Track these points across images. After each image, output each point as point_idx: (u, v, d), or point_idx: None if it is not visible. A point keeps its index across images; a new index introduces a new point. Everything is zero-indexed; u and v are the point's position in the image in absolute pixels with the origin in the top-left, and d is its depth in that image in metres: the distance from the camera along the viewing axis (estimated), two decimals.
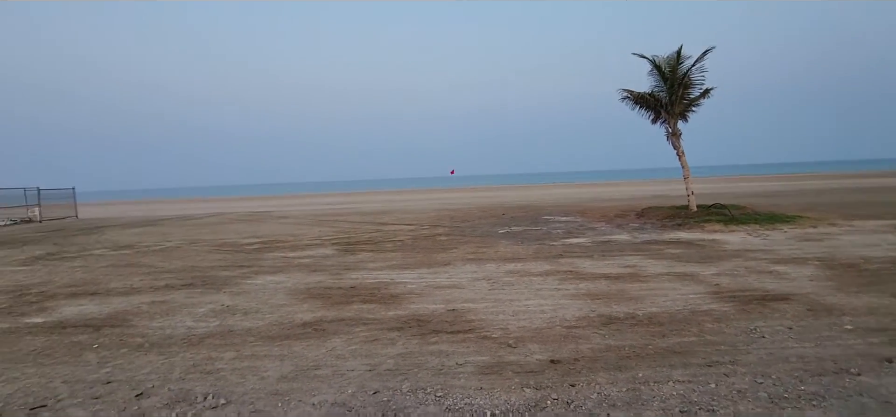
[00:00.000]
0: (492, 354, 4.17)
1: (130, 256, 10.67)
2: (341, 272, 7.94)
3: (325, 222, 17.31)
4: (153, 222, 20.54)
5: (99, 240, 14.22)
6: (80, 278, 8.29)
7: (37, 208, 25.24)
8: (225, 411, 3.31)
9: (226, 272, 8.31)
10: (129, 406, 3.41)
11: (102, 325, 5.40)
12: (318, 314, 5.54)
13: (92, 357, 4.42)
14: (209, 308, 5.99)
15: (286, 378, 3.83)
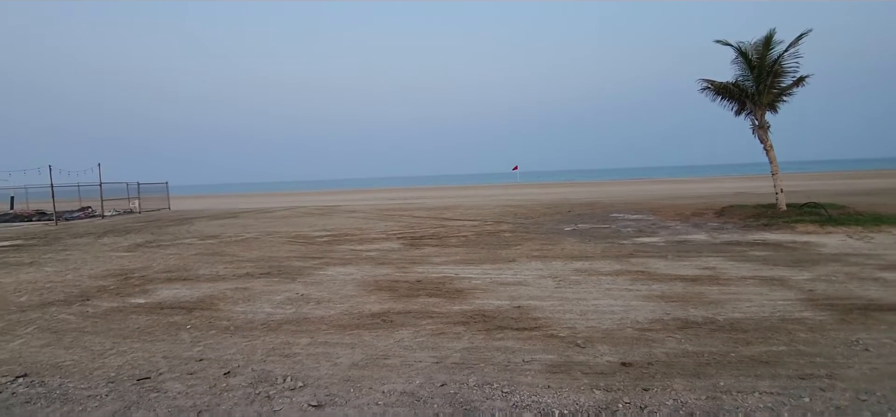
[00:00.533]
0: (559, 353, 4.09)
1: (215, 245, 11.55)
2: (407, 265, 8.12)
3: (390, 217, 17.77)
4: (234, 214, 22.11)
5: (188, 231, 15.53)
6: (173, 264, 9.10)
7: (137, 200, 28.04)
8: (302, 393, 3.51)
9: (299, 262, 8.77)
10: (218, 383, 3.71)
11: (194, 308, 5.90)
12: (385, 306, 5.71)
13: (186, 336, 4.85)
14: (285, 296, 6.35)
15: (357, 365, 3.99)
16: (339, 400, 3.39)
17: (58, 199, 22.54)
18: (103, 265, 9.30)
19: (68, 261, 9.92)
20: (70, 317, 5.66)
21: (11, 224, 22.00)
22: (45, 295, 6.84)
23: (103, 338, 4.85)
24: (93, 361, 4.23)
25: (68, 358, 4.32)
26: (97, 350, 4.50)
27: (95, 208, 25.90)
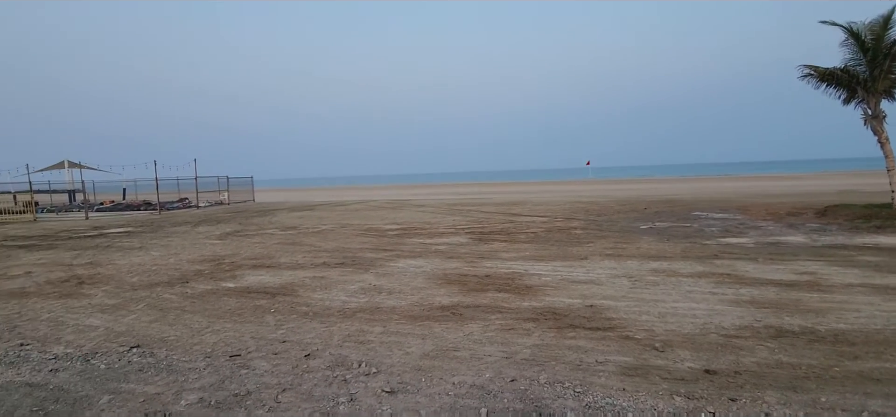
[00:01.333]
0: (635, 356, 3.92)
1: (294, 236, 12.27)
2: (475, 260, 8.15)
3: (458, 212, 17.91)
4: (310, 207, 23.35)
5: (271, 221, 16.62)
6: (258, 252, 9.78)
7: (226, 193, 30.45)
8: (376, 379, 3.64)
9: (372, 254, 9.09)
10: (300, 364, 3.94)
11: (277, 293, 6.32)
12: (455, 299, 5.77)
13: (270, 319, 5.20)
14: (359, 285, 6.61)
15: (428, 356, 4.07)
16: (411, 388, 3.48)
17: (161, 191, 25.04)
18: (199, 251, 10.21)
19: (170, 247, 10.99)
20: (172, 297, 6.27)
21: (124, 212, 24.76)
22: (151, 277, 7.63)
23: (200, 317, 5.33)
24: (192, 337, 4.67)
25: (172, 334, 4.80)
26: (195, 328, 4.96)
27: (191, 199, 28.50)
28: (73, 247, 11.45)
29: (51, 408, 3.30)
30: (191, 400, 3.36)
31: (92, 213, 23.70)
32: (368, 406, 3.24)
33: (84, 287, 7.07)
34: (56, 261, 9.43)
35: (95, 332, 4.92)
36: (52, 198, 31.80)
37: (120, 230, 15.47)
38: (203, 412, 3.20)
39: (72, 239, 13.13)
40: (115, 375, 3.83)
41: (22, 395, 3.51)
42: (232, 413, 3.18)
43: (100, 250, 10.85)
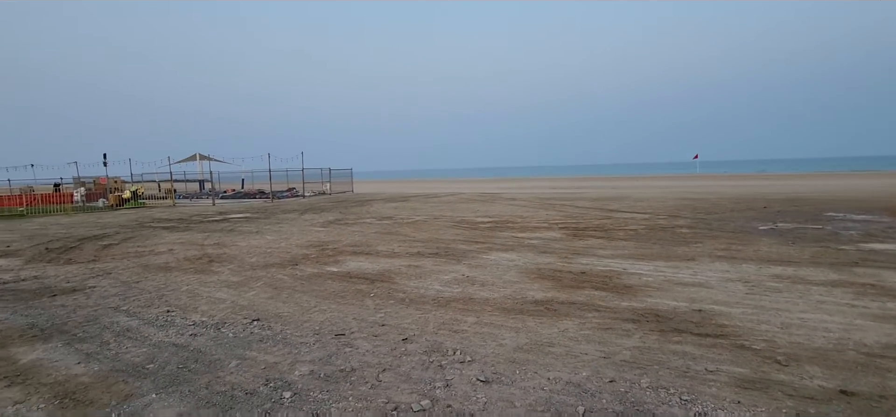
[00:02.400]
0: (753, 368, 3.56)
1: (390, 226, 12.82)
2: (570, 256, 7.91)
3: (552, 206, 17.49)
4: (404, 198, 24.21)
5: (368, 211, 17.52)
6: (357, 240, 10.37)
7: (328, 184, 32.66)
8: (471, 368, 3.70)
9: (464, 246, 9.21)
10: (398, 347, 4.13)
11: (375, 279, 6.66)
12: (549, 294, 5.66)
13: (370, 303, 5.50)
14: (452, 276, 6.74)
15: (522, 349, 4.04)
16: (506, 380, 3.49)
17: (272, 181, 27.54)
18: (305, 237, 11.07)
19: (281, 232, 12.05)
20: (285, 278, 6.88)
21: (242, 200, 27.61)
22: (267, 258, 8.44)
23: (309, 297, 5.79)
24: (302, 315, 5.09)
25: (285, 310, 5.27)
26: (305, 307, 5.40)
27: (298, 189, 30.98)
28: (203, 230, 13.02)
29: (192, 366, 3.80)
30: (303, 372, 3.67)
31: (217, 200, 26.73)
32: (464, 392, 3.31)
33: (213, 264, 8.01)
34: (191, 241, 10.79)
35: (223, 304, 5.56)
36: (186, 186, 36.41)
37: (240, 215, 17.27)
38: (314, 383, 3.48)
39: (202, 223, 14.93)
40: (241, 343, 4.30)
41: (170, 353, 4.08)
42: (338, 386, 3.43)
43: (224, 233, 12.22)
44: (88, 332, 4.67)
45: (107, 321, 5.02)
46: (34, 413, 3.11)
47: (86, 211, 21.17)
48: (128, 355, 4.07)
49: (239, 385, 3.47)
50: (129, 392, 3.38)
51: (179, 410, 3.13)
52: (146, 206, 23.86)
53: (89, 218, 17.58)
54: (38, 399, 3.30)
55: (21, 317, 5.21)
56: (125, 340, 4.43)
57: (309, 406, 3.15)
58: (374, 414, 3.05)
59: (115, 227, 14.22)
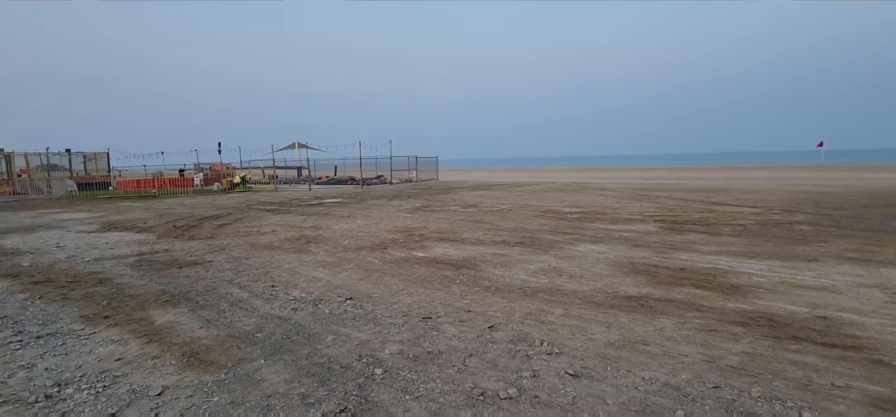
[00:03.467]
0: (894, 387, 3.08)
1: (475, 214, 12.86)
2: (667, 251, 7.40)
3: (645, 197, 16.48)
4: (488, 187, 24.16)
5: (453, 199, 17.72)
6: (443, 227, 10.53)
7: (415, 172, 33.55)
8: (558, 360, 3.60)
9: (550, 236, 8.98)
10: (484, 334, 4.13)
11: (461, 266, 6.72)
12: (643, 290, 5.34)
13: (456, 289, 5.56)
14: (538, 266, 6.61)
15: (613, 345, 3.85)
16: (596, 375, 3.35)
17: (361, 168, 28.85)
18: (393, 222, 11.47)
19: (371, 217, 12.60)
20: (374, 261, 7.18)
21: (335, 186, 29.29)
22: (358, 242, 8.86)
23: (397, 280, 5.99)
24: (391, 297, 5.28)
25: (375, 292, 5.51)
26: (394, 289, 5.59)
27: (386, 176, 32.18)
28: (301, 213, 14.00)
29: (294, 338, 4.11)
30: (393, 351, 3.81)
31: (313, 186, 28.61)
32: (552, 385, 3.23)
33: (310, 245, 8.58)
34: (290, 224, 11.65)
35: (320, 283, 5.94)
36: (286, 172, 39.38)
37: (333, 200, 18.34)
38: (403, 362, 3.60)
39: (300, 206, 16.06)
40: (335, 320, 4.56)
41: (275, 324, 4.45)
42: (426, 368, 3.51)
43: (319, 216, 13.04)
44: (208, 301, 5.23)
45: (222, 292, 5.58)
46: (168, 368, 3.55)
47: (203, 194, 23.73)
48: (240, 323, 4.50)
49: (335, 358, 3.69)
50: (242, 357, 3.73)
51: (285, 376, 3.40)
52: (252, 190, 26.19)
53: (206, 200, 19.68)
54: (170, 357, 3.76)
55: (155, 284, 5.97)
56: (238, 310, 4.90)
57: (399, 384, 3.26)
58: (460, 397, 3.08)
59: (228, 209, 15.77)
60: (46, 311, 4.96)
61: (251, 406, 3.00)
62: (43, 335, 4.27)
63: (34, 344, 4.05)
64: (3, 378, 3.41)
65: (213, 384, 3.30)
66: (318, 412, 2.93)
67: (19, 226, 11.99)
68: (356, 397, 3.10)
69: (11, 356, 3.81)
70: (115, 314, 4.83)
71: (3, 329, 4.44)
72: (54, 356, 3.81)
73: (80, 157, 28.66)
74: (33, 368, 3.58)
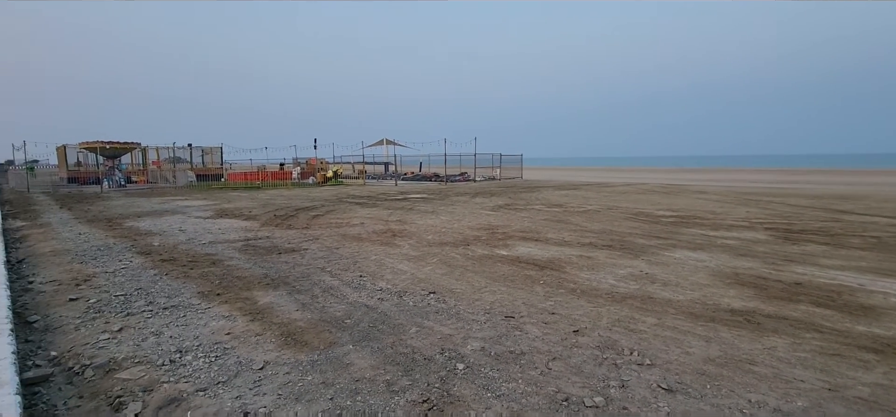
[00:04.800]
0: None
1: (560, 214, 12.50)
2: (779, 262, 6.65)
3: (752, 201, 14.98)
4: (575, 186, 23.38)
5: (537, 198, 17.38)
6: (526, 226, 10.36)
7: (498, 169, 33.40)
8: (650, 372, 3.37)
9: (642, 240, 8.48)
10: (569, 338, 3.99)
11: (545, 266, 6.56)
12: (750, 304, 4.84)
13: (539, 289, 5.44)
14: (628, 271, 6.26)
15: (713, 361, 3.54)
16: (693, 392, 3.09)
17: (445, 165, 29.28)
18: (476, 219, 11.50)
19: (454, 214, 12.74)
20: (457, 257, 7.24)
21: (420, 182, 30.05)
22: (441, 237, 9.00)
23: (480, 277, 6.00)
24: (474, 294, 5.29)
25: (458, 287, 5.55)
26: (476, 286, 5.60)
27: (469, 174, 32.38)
28: (387, 207, 14.54)
29: (380, 327, 4.27)
30: (475, 347, 3.81)
31: (399, 181, 29.59)
32: (642, 397, 3.04)
33: (396, 239, 8.87)
34: (377, 217, 12.14)
35: (404, 275, 6.11)
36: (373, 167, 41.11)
37: (418, 196, 18.82)
38: (485, 359, 3.59)
39: (387, 201, 16.68)
40: (419, 312, 4.67)
41: (363, 312, 4.65)
42: (508, 367, 3.46)
43: (405, 211, 13.44)
44: (303, 286, 5.61)
45: (316, 279, 5.95)
46: (269, 345, 3.86)
47: (300, 187, 25.53)
48: (331, 309, 4.76)
49: (418, 349, 3.77)
50: (333, 341, 3.95)
51: (371, 362, 3.54)
52: (343, 184, 27.70)
53: (302, 192, 21.14)
54: (270, 335, 4.08)
55: (259, 268, 6.52)
56: (329, 296, 5.20)
57: (480, 381, 3.25)
58: (543, 400, 3.00)
59: (321, 201, 16.82)
60: (171, 286, 5.62)
61: (340, 388, 3.16)
62: (169, 306, 4.84)
63: (161, 314, 4.60)
64: (138, 342, 3.92)
65: (307, 363, 3.52)
66: (402, 399, 3.01)
67: (151, 211, 13.74)
68: (438, 389, 3.14)
69: (144, 323, 4.37)
70: (226, 292, 5.34)
71: (138, 299, 5.10)
72: (177, 326, 4.30)
73: (198, 151, 32.15)
74: (161, 335, 4.07)
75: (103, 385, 3.21)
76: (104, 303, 4.93)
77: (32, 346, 3.84)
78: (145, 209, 14.26)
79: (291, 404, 2.96)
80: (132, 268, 6.51)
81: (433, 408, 2.91)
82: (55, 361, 3.57)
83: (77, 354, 3.68)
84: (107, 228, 10.34)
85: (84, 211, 13.96)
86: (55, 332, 4.15)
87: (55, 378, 3.31)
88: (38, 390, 3.14)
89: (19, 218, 12.57)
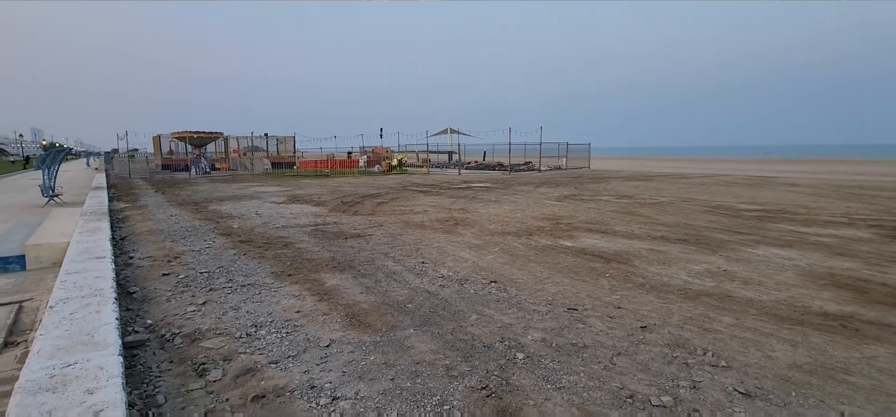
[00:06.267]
0: None
1: (629, 205, 11.95)
2: (885, 264, 5.94)
3: (854, 196, 13.49)
4: (648, 177, 22.23)
5: (605, 189, 16.74)
6: (593, 217, 10.01)
7: (564, 159, 32.51)
8: (726, 374, 3.15)
9: (720, 235, 7.91)
10: (635, 334, 3.82)
11: (611, 259, 6.31)
12: (847, 308, 4.37)
13: (605, 283, 5.24)
14: (704, 267, 5.87)
15: (800, 367, 3.23)
16: (774, 399, 2.85)
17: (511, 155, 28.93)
18: (540, 209, 11.28)
19: (517, 203, 12.58)
20: (519, 246, 7.15)
21: (483, 171, 29.94)
22: (504, 226, 8.92)
23: (542, 268, 5.88)
24: (536, 284, 5.20)
25: (520, 277, 5.48)
26: (539, 277, 5.50)
27: (534, 163, 31.78)
28: (450, 196, 14.63)
29: (440, 313, 4.32)
30: (535, 337, 3.75)
31: (462, 170, 29.66)
32: (715, 400, 2.84)
33: (458, 227, 8.91)
34: (440, 205, 12.25)
35: (466, 264, 6.13)
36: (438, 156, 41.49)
37: (481, 185, 18.77)
38: (545, 350, 3.52)
39: (449, 189, 16.79)
40: (480, 300, 4.67)
41: (424, 298, 4.73)
42: (569, 359, 3.37)
43: (467, 200, 13.46)
44: (367, 270, 5.79)
45: (379, 263, 6.12)
46: (335, 325, 4.03)
47: (366, 175, 26.35)
48: (393, 293, 4.88)
49: (478, 337, 3.77)
50: (395, 324, 4.05)
51: (431, 347, 3.59)
52: (407, 173, 28.23)
53: (368, 180, 21.81)
54: (336, 315, 4.26)
55: (326, 252, 6.81)
56: (392, 281, 5.33)
57: (541, 372, 3.20)
58: (606, 396, 2.89)
59: (386, 188, 17.25)
60: (248, 265, 6.02)
61: (401, 369, 3.24)
62: (246, 284, 5.19)
63: (240, 291, 4.95)
64: (219, 315, 4.24)
65: (370, 344, 3.64)
66: (461, 385, 3.03)
67: (232, 196, 14.80)
68: (497, 377, 3.12)
69: (225, 299, 4.72)
70: (296, 273, 5.64)
71: (219, 276, 5.52)
72: (253, 302, 4.60)
73: (273, 140, 34.11)
74: (239, 310, 4.38)
75: (190, 352, 3.51)
76: (191, 279, 5.39)
77: (132, 314, 4.28)
78: (227, 194, 15.38)
79: (354, 381, 3.07)
80: (215, 248, 7.05)
81: (492, 395, 2.90)
82: (150, 328, 3.96)
83: (168, 323, 4.05)
84: (194, 211, 11.27)
85: (175, 195, 15.32)
86: (151, 303, 4.59)
87: (150, 344, 3.66)
88: (137, 353, 3.50)
89: (122, 200, 14.04)
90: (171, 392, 2.96)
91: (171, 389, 2.99)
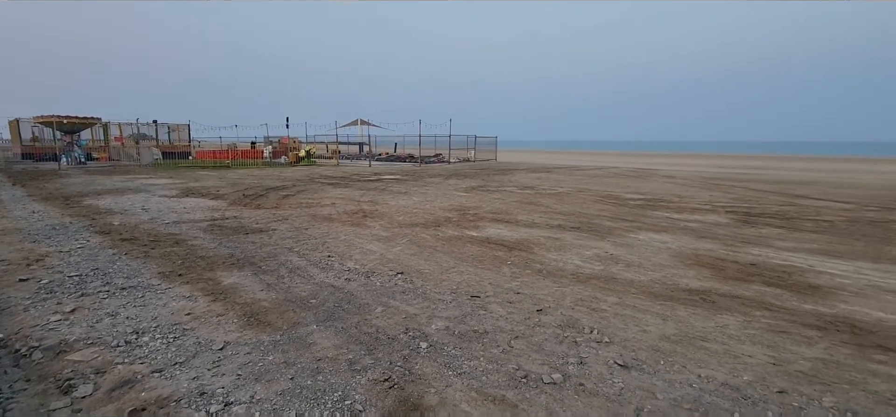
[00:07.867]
0: None
1: (531, 196, 12.63)
2: (737, 244, 6.90)
3: (717, 187, 15.45)
4: (548, 169, 23.63)
5: (510, 180, 17.51)
6: (498, 208, 10.44)
7: (473, 151, 33.43)
8: (608, 349, 3.47)
9: (609, 222, 8.66)
10: (532, 317, 4.06)
11: (513, 247, 6.63)
12: (706, 284, 5.02)
13: (506, 270, 5.51)
14: (594, 252, 6.39)
15: (668, 338, 3.67)
16: (647, 368, 3.20)
17: (420, 147, 29.12)
18: (448, 201, 11.52)
19: (426, 195, 12.72)
20: (427, 237, 7.25)
21: (394, 163, 29.83)
22: (412, 218, 8.99)
23: (448, 258, 6.02)
24: (441, 274, 5.32)
25: (426, 268, 5.57)
26: (444, 266, 5.63)
27: (444, 155, 32.31)
28: (360, 188, 14.40)
29: (345, 307, 4.25)
30: (439, 326, 3.84)
31: (373, 162, 29.30)
32: (598, 373, 3.13)
33: (367, 219, 8.81)
34: (349, 198, 12.02)
35: (373, 256, 6.09)
36: (348, 148, 40.57)
37: (391, 177, 18.69)
38: (448, 338, 3.62)
39: (359, 181, 16.51)
40: (386, 292, 4.67)
41: (329, 293, 4.62)
42: (471, 345, 3.51)
43: (377, 192, 13.34)
44: (269, 266, 5.52)
45: (282, 259, 5.87)
46: (231, 325, 3.80)
47: (271, 166, 25.00)
48: (296, 289, 4.71)
49: (383, 329, 3.78)
50: (297, 321, 3.91)
51: (334, 342, 3.53)
52: (316, 164, 27.26)
53: (274, 172, 20.73)
54: (233, 315, 4.01)
55: (224, 248, 6.38)
56: (295, 276, 5.14)
57: (443, 359, 3.29)
58: (503, 378, 3.06)
59: (292, 181, 16.53)
60: (130, 266, 5.45)
61: (301, 367, 3.15)
62: (126, 287, 4.70)
63: (119, 295, 4.47)
64: (92, 323, 3.80)
65: (269, 343, 3.49)
66: (364, 378, 3.02)
67: (112, 189, 13.25)
68: (400, 368, 3.16)
69: (100, 304, 4.23)
70: (188, 273, 5.22)
71: (94, 279, 4.93)
72: (135, 307, 4.18)
73: (165, 128, 31.04)
74: (117, 316, 3.96)
75: (52, 367, 3.11)
76: (57, 284, 4.76)
77: None
78: (106, 187, 13.74)
79: (251, 384, 2.93)
80: (89, 248, 6.28)
81: (394, 386, 2.93)
82: (1, 343, 3.43)
83: (25, 336, 3.54)
84: (63, 206, 9.93)
85: (39, 188, 13.36)
86: (2, 314, 3.98)
87: (0, 361, 3.18)
88: None
89: None
90: (27, 415, 2.61)
91: (27, 412, 2.63)
